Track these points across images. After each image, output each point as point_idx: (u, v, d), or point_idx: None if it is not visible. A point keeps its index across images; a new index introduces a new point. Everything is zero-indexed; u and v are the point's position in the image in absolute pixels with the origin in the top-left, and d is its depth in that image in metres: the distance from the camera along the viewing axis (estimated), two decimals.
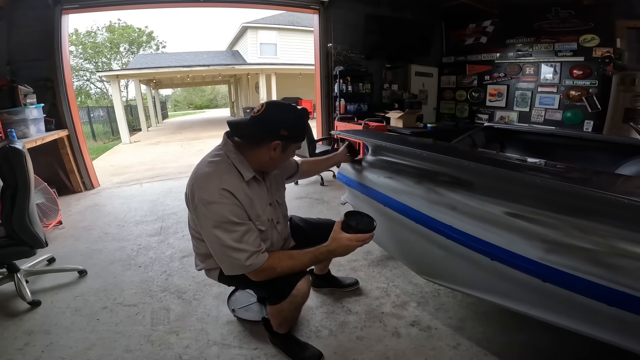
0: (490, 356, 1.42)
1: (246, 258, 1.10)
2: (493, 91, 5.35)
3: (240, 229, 1.09)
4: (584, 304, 0.90)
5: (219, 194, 1.06)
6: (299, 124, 1.17)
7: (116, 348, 1.53)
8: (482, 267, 1.14)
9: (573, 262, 0.88)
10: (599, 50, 4.22)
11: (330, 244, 1.18)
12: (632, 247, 0.82)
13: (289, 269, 1.17)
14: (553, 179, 0.98)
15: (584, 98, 4.33)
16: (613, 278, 0.83)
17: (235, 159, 1.16)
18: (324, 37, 5.02)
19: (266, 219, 1.25)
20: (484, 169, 1.15)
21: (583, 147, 2.08)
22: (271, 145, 1.13)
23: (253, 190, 1.19)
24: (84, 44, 20.49)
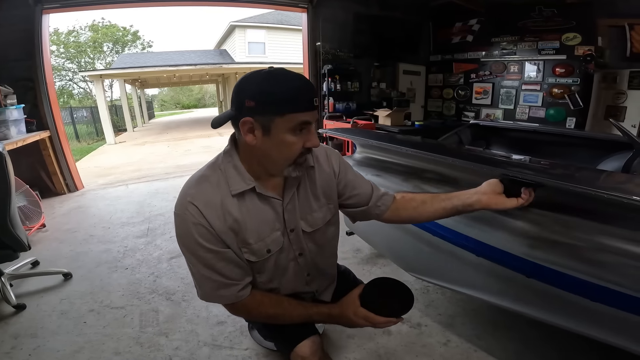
0: (480, 352, 1.44)
1: (216, 288, 0.86)
2: (479, 89, 5.44)
3: (207, 254, 0.83)
4: (567, 299, 0.92)
5: (185, 207, 0.81)
6: (268, 87, 0.75)
7: (105, 351, 1.51)
8: (468, 264, 1.15)
9: (556, 257, 0.90)
10: (581, 49, 4.32)
11: (333, 309, 0.92)
12: (613, 242, 0.84)
13: (267, 317, 0.93)
14: (535, 175, 1.00)
15: (566, 95, 4.43)
16: (595, 273, 0.84)
17: (228, 165, 0.85)
18: (313, 35, 5.02)
19: (263, 248, 0.89)
20: (468, 166, 1.16)
21: (566, 144, 2.13)
22: (242, 127, 0.78)
23: (249, 209, 0.86)
24: (65, 44, 20.01)
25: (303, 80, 0.78)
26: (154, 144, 9.11)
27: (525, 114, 4.88)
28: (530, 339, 1.49)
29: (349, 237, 2.36)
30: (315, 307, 0.94)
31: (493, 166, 1.07)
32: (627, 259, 0.80)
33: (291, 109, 0.75)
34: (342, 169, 1.00)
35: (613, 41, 4.36)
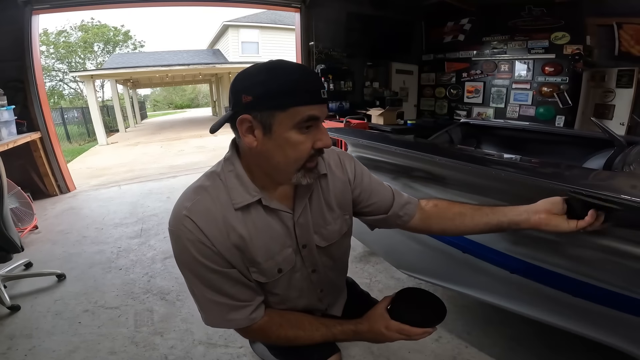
0: (470, 348, 1.47)
1: (227, 311, 0.74)
2: (470, 88, 5.49)
3: (212, 275, 0.71)
4: (550, 294, 0.94)
5: (180, 222, 0.69)
6: (265, 79, 0.64)
7: (100, 350, 1.52)
8: (455, 260, 1.18)
9: (537, 253, 0.93)
10: (569, 48, 4.38)
11: (359, 324, 0.81)
12: (592, 238, 0.85)
13: (287, 340, 0.80)
14: (519, 172, 1.02)
15: (555, 94, 4.50)
16: (575, 269, 0.86)
17: (229, 174, 0.73)
18: (306, 35, 5.03)
19: (274, 268, 0.78)
20: (454, 165, 1.19)
21: (554, 142, 2.18)
22: (240, 126, 0.67)
23: (256, 223, 0.74)
24: (55, 44, 19.77)
25: (307, 70, 0.70)
26: (146, 144, 9.05)
27: (516, 113, 4.94)
28: (521, 336, 1.52)
29: None
30: (339, 324, 0.82)
31: (480, 165, 1.10)
32: (606, 254, 0.82)
33: (295, 101, 0.64)
34: (358, 174, 0.89)
35: (601, 40, 4.41)
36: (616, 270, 0.81)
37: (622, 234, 0.80)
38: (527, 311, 1.03)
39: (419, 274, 1.44)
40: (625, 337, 0.86)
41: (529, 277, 0.95)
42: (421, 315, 0.77)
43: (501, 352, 1.44)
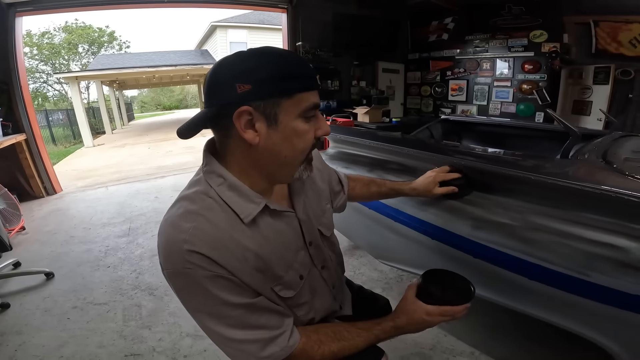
0: (449, 337, 1.54)
1: (261, 347, 0.63)
2: (454, 86, 5.61)
3: (236, 312, 0.61)
4: (508, 278, 0.99)
5: (185, 260, 0.56)
6: (259, 65, 0.57)
7: (89, 345, 1.55)
8: (425, 247, 1.24)
9: (495, 237, 0.99)
10: (547, 46, 4.51)
11: (398, 318, 0.77)
12: (545, 221, 0.92)
13: (333, 355, 0.71)
14: (480, 162, 1.09)
15: (535, 91, 4.63)
16: (530, 252, 0.93)
17: (223, 185, 0.62)
18: (293, 35, 5.08)
19: (296, 276, 0.72)
20: (421, 155, 1.26)
21: (528, 136, 2.28)
22: (236, 120, 0.57)
23: (266, 234, 0.65)
24: (39, 45, 19.41)
25: (299, 55, 0.63)
26: (134, 146, 8.98)
27: (498, 110, 5.07)
28: (497, 324, 1.57)
29: None
30: (376, 325, 0.77)
31: (444, 155, 1.17)
32: (558, 237, 0.89)
33: (300, 86, 0.59)
34: (322, 163, 0.90)
35: (579, 38, 4.55)
36: (567, 254, 0.88)
37: (572, 218, 0.88)
38: (489, 294, 1.09)
39: (395, 262, 1.51)
40: (575, 319, 0.92)
41: (490, 260, 1.01)
42: (455, 293, 0.77)
43: (479, 340, 1.51)
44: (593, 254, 0.80)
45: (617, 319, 0.80)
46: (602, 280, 0.78)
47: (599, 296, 0.79)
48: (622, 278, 0.75)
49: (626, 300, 0.75)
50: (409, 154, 1.32)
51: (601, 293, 0.79)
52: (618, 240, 0.78)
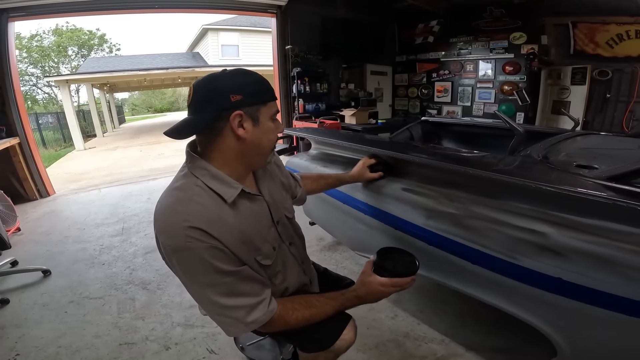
0: (422, 325, 1.65)
1: (247, 313, 0.79)
2: (440, 88, 5.78)
3: (228, 279, 0.76)
4: (456, 263, 1.10)
5: (186, 235, 0.71)
6: (245, 81, 0.80)
7: (85, 335, 1.64)
8: (391, 237, 1.36)
9: (443, 225, 1.10)
10: (526, 47, 4.68)
11: (359, 289, 0.92)
12: (482, 210, 1.04)
13: (305, 320, 0.88)
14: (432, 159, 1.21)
15: (515, 92, 4.79)
16: (470, 238, 1.04)
17: (207, 175, 0.79)
18: (282, 39, 5.18)
19: (270, 247, 0.89)
20: (381, 153, 1.39)
21: (501, 136, 2.41)
22: (232, 121, 0.77)
23: (245, 213, 0.83)
24: (28, 48, 19.26)
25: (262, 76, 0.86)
26: (125, 148, 9.00)
27: (481, 110, 5.25)
28: (463, 312, 1.70)
29: (312, 227, 2.56)
30: (341, 295, 0.93)
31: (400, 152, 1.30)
32: (494, 224, 1.01)
33: (270, 97, 0.83)
34: (282, 164, 1.09)
35: (558, 39, 4.72)
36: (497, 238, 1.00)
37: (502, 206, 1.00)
38: (442, 279, 1.21)
39: (368, 253, 1.63)
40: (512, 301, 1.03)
41: (440, 247, 1.13)
42: (403, 267, 0.92)
43: (446, 327, 1.62)
44: (519, 238, 0.93)
45: (543, 300, 0.92)
46: (527, 263, 0.90)
47: (527, 278, 0.91)
48: (543, 261, 0.88)
49: (548, 281, 0.88)
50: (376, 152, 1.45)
51: (528, 275, 0.91)
52: (539, 226, 0.91)
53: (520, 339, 1.47)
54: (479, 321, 1.64)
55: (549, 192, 0.86)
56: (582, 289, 0.84)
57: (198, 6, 4.82)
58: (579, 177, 0.97)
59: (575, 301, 0.86)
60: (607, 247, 0.81)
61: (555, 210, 0.90)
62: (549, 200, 0.90)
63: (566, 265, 0.86)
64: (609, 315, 0.81)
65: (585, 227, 0.87)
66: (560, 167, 1.06)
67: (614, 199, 0.78)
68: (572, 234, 0.87)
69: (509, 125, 1.53)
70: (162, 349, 1.55)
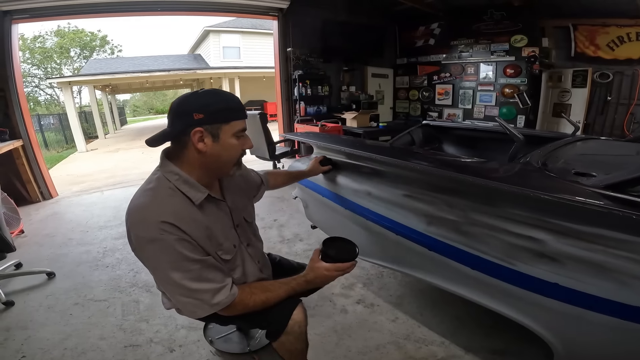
0: (422, 327, 1.67)
1: (212, 295, 0.92)
2: (441, 90, 5.79)
3: (195, 266, 0.89)
4: (456, 268, 1.12)
5: (159, 228, 0.84)
6: (210, 102, 0.91)
7: (90, 337, 1.67)
8: (392, 242, 1.38)
9: (443, 231, 1.13)
10: (526, 50, 4.69)
11: (307, 274, 1.06)
12: (481, 217, 1.06)
13: (262, 302, 1.01)
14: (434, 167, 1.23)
15: (516, 95, 4.80)
16: (470, 244, 1.06)
17: (178, 180, 0.93)
18: (283, 42, 5.20)
19: (231, 245, 1.04)
20: (383, 159, 1.40)
21: (501, 140, 2.43)
22: (193, 136, 0.90)
23: (210, 214, 0.98)
24: (31, 50, 19.35)
25: (235, 96, 0.99)
26: (127, 150, 9.04)
27: (482, 113, 5.25)
28: (462, 315, 1.72)
29: (314, 230, 2.57)
30: (293, 280, 1.06)
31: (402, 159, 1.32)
32: (493, 231, 1.03)
33: (235, 116, 0.94)
34: (246, 170, 1.26)
35: (558, 42, 4.73)
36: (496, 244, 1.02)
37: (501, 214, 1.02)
38: (443, 284, 1.23)
39: (370, 257, 1.65)
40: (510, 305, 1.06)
41: (441, 252, 1.16)
42: (345, 254, 1.06)
43: (446, 329, 1.64)
44: (517, 245, 0.95)
45: (540, 304, 0.94)
46: (525, 268, 0.93)
47: (524, 283, 0.94)
48: (540, 267, 0.90)
49: (545, 287, 0.90)
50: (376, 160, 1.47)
51: (525, 280, 0.93)
52: (536, 233, 0.93)
53: (518, 341, 1.49)
54: (477, 323, 1.66)
55: (546, 200, 0.88)
56: (578, 294, 0.86)
57: (200, 9, 4.85)
58: (576, 186, 0.99)
59: (571, 305, 0.89)
60: (602, 254, 0.83)
61: (552, 218, 0.92)
62: (546, 208, 0.92)
63: (562, 271, 0.88)
64: (603, 319, 0.84)
65: (581, 234, 0.89)
66: (558, 175, 1.08)
67: (610, 208, 0.80)
68: (568, 241, 0.89)
69: (508, 132, 1.54)
70: (167, 351, 1.57)
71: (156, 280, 1.00)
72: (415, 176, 1.30)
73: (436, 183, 1.18)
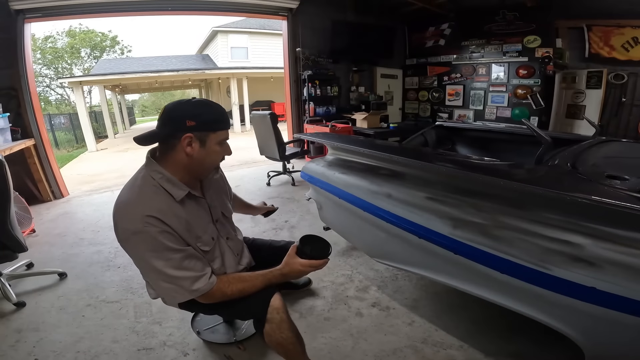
0: (440, 331, 1.63)
1: (191, 282, 1.02)
2: (451, 91, 5.73)
3: (176, 255, 0.99)
4: (484, 272, 1.09)
5: (144, 221, 0.94)
6: (202, 112, 1.02)
7: (103, 340, 1.65)
8: (413, 245, 1.35)
9: (470, 234, 1.09)
10: (540, 51, 4.62)
11: (283, 268, 1.15)
12: (512, 220, 1.03)
13: (239, 291, 1.11)
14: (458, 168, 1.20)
15: (529, 96, 4.73)
16: (499, 248, 1.03)
17: (162, 178, 1.03)
18: (293, 42, 5.20)
19: (209, 237, 1.14)
20: (406, 162, 1.37)
21: (518, 142, 2.38)
22: (183, 141, 1.00)
23: (190, 210, 1.08)
24: (42, 50, 19.62)
25: (223, 109, 1.09)
26: (137, 150, 9.07)
27: (494, 114, 5.18)
28: (480, 318, 1.68)
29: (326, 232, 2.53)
30: (269, 272, 1.16)
31: (424, 161, 1.29)
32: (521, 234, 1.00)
33: (222, 127, 1.06)
34: (224, 179, 1.40)
35: (572, 42, 4.67)
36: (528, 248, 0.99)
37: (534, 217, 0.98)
38: (468, 288, 1.19)
39: (388, 260, 1.62)
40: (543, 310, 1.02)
41: (467, 256, 1.12)
42: (319, 251, 1.16)
43: (464, 333, 1.60)
44: (552, 249, 0.91)
45: (575, 309, 0.90)
46: (560, 273, 0.89)
47: (559, 288, 0.90)
48: (577, 271, 0.86)
49: (581, 291, 0.86)
50: (398, 161, 1.43)
51: (560, 285, 0.89)
52: (573, 237, 0.89)
53: (539, 344, 1.46)
54: (496, 327, 1.62)
55: (586, 204, 0.84)
56: (616, 298, 0.83)
57: (210, 8, 4.85)
58: (613, 189, 0.95)
59: (607, 309, 0.86)
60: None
61: (590, 221, 0.88)
62: (584, 211, 0.88)
63: (600, 274, 0.85)
64: None
65: (621, 238, 0.85)
66: (592, 178, 1.03)
67: None
68: (607, 245, 0.86)
69: (536, 133, 1.50)
70: (180, 355, 1.54)
71: (140, 270, 1.07)
72: (440, 179, 1.26)
73: (463, 185, 1.14)
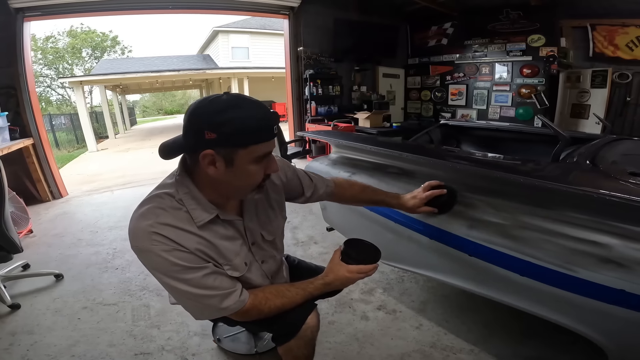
0: (449, 335, 1.58)
1: (219, 301, 0.83)
2: (454, 90, 5.68)
3: (196, 274, 0.80)
4: (501, 274, 1.05)
5: (151, 239, 0.77)
6: (228, 118, 0.73)
7: (100, 344, 1.59)
8: (423, 246, 1.30)
9: (488, 235, 1.04)
10: (545, 50, 4.57)
11: (326, 276, 0.99)
12: (533, 220, 0.98)
13: (277, 308, 0.93)
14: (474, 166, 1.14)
15: (533, 95, 4.69)
16: (520, 249, 0.98)
17: (187, 195, 0.82)
18: (294, 41, 5.16)
19: (241, 262, 0.93)
20: (417, 159, 1.32)
21: (524, 140, 2.33)
22: (202, 160, 0.76)
23: (216, 231, 0.86)
24: (43, 50, 19.65)
25: (263, 109, 0.77)
26: (137, 150, 9.06)
27: (497, 114, 5.13)
28: (492, 322, 1.62)
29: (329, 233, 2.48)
30: (310, 284, 0.99)
31: (435, 159, 1.23)
32: (546, 235, 0.94)
33: (254, 140, 0.76)
34: (289, 175, 1.10)
35: (576, 41, 4.63)
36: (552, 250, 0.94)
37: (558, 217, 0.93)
38: (485, 291, 1.14)
39: (396, 262, 1.56)
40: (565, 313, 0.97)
41: (484, 258, 1.07)
42: (368, 255, 1.00)
43: (474, 337, 1.55)
44: (578, 250, 0.86)
45: (603, 312, 0.85)
46: (587, 275, 0.83)
47: (585, 290, 0.85)
48: (605, 273, 0.81)
49: (609, 294, 0.81)
50: (408, 159, 1.38)
51: (587, 287, 0.84)
52: (601, 237, 0.83)
53: (554, 348, 1.41)
54: (507, 331, 1.57)
55: (612, 202, 0.79)
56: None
57: (211, 7, 4.82)
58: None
59: (638, 312, 0.80)
60: None
61: (620, 221, 0.83)
62: (613, 210, 0.83)
63: (630, 276, 0.80)
64: None
65: None
66: (616, 175, 0.98)
67: None
68: (637, 246, 0.81)
69: (553, 130, 1.44)
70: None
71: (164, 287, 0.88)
72: (454, 177, 1.21)
73: (479, 184, 1.09)
